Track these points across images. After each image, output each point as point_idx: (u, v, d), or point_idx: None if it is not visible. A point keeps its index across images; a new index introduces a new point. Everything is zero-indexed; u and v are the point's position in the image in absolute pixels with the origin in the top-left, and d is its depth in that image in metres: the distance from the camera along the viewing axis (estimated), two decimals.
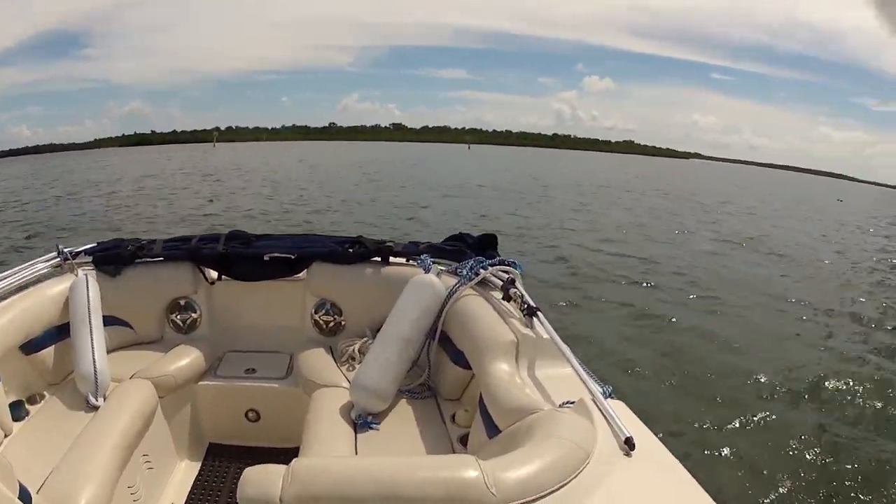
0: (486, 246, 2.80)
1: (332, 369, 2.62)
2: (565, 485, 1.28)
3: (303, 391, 2.57)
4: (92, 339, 2.42)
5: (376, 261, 2.87)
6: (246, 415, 2.76)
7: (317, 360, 2.70)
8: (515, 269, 2.47)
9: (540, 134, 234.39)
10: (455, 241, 2.91)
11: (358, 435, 2.17)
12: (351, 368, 2.62)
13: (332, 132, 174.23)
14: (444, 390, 2.47)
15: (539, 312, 2.17)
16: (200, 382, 2.72)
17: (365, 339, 2.76)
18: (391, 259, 2.86)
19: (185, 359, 2.67)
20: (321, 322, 2.96)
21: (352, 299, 2.89)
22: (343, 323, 2.94)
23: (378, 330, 2.51)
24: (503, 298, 2.35)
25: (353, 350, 2.72)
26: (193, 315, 2.96)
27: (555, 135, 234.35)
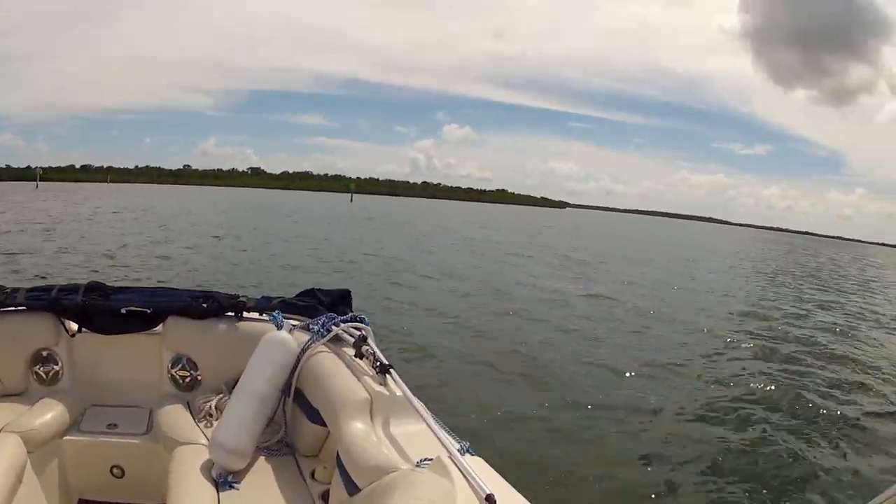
0: (338, 302, 2.95)
1: (191, 426, 2.65)
2: None
3: (163, 448, 2.57)
4: None
5: (230, 315, 2.94)
6: (111, 471, 2.70)
7: (175, 417, 2.72)
8: (365, 324, 2.54)
9: (409, 182, 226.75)
10: (307, 297, 3.02)
11: (220, 494, 2.20)
12: (209, 425, 2.66)
13: (186, 175, 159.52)
14: (302, 447, 2.54)
15: (392, 370, 2.23)
16: (66, 437, 2.65)
17: (221, 395, 2.81)
18: (244, 314, 2.95)
19: (50, 413, 2.60)
20: (178, 377, 2.97)
21: (207, 354, 2.94)
22: (199, 378, 2.96)
23: (234, 385, 2.58)
24: (355, 355, 2.40)
25: (211, 406, 2.75)
26: (55, 367, 2.87)
27: (425, 183, 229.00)
